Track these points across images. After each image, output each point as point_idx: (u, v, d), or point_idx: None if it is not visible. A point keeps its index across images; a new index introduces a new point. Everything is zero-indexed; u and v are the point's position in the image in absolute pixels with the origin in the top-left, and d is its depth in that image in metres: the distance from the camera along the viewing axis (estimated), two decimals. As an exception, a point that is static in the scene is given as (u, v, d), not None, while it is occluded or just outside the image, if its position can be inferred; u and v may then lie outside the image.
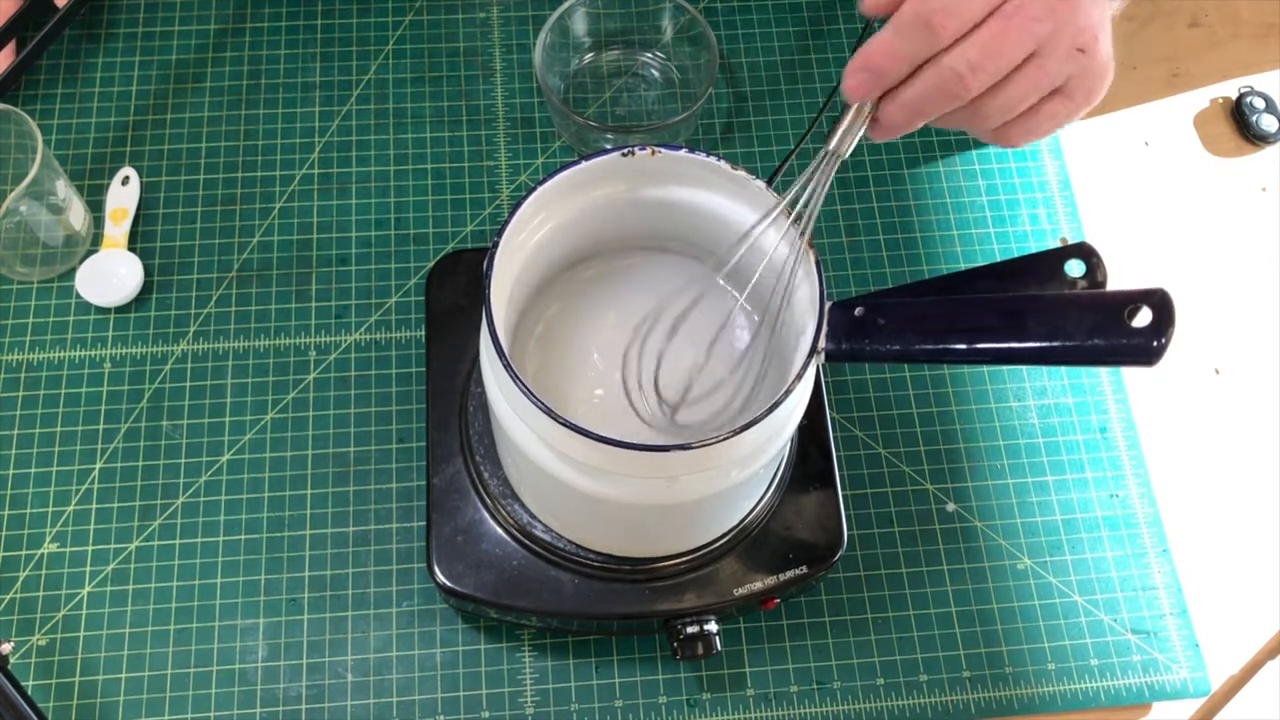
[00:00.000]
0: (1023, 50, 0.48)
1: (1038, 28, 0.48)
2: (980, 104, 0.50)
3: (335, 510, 0.69)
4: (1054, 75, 0.50)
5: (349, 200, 0.77)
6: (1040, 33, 0.48)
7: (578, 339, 0.61)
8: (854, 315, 0.51)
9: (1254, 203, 0.81)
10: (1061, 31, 0.48)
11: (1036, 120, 0.52)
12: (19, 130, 0.69)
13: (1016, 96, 0.50)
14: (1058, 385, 0.74)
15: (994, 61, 0.48)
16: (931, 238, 0.78)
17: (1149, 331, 0.43)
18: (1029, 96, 0.50)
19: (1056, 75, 0.50)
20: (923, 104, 0.49)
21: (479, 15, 0.84)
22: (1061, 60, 0.49)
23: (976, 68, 0.48)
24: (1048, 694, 0.66)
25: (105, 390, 0.71)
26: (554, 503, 0.60)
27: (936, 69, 0.48)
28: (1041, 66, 0.49)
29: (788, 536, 0.64)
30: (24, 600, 0.66)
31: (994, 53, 0.48)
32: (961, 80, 0.48)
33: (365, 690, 0.65)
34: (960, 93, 0.48)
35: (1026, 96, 0.50)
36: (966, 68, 0.48)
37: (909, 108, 0.50)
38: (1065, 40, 0.49)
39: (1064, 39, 0.49)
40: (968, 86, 0.48)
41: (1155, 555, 0.70)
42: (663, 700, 0.65)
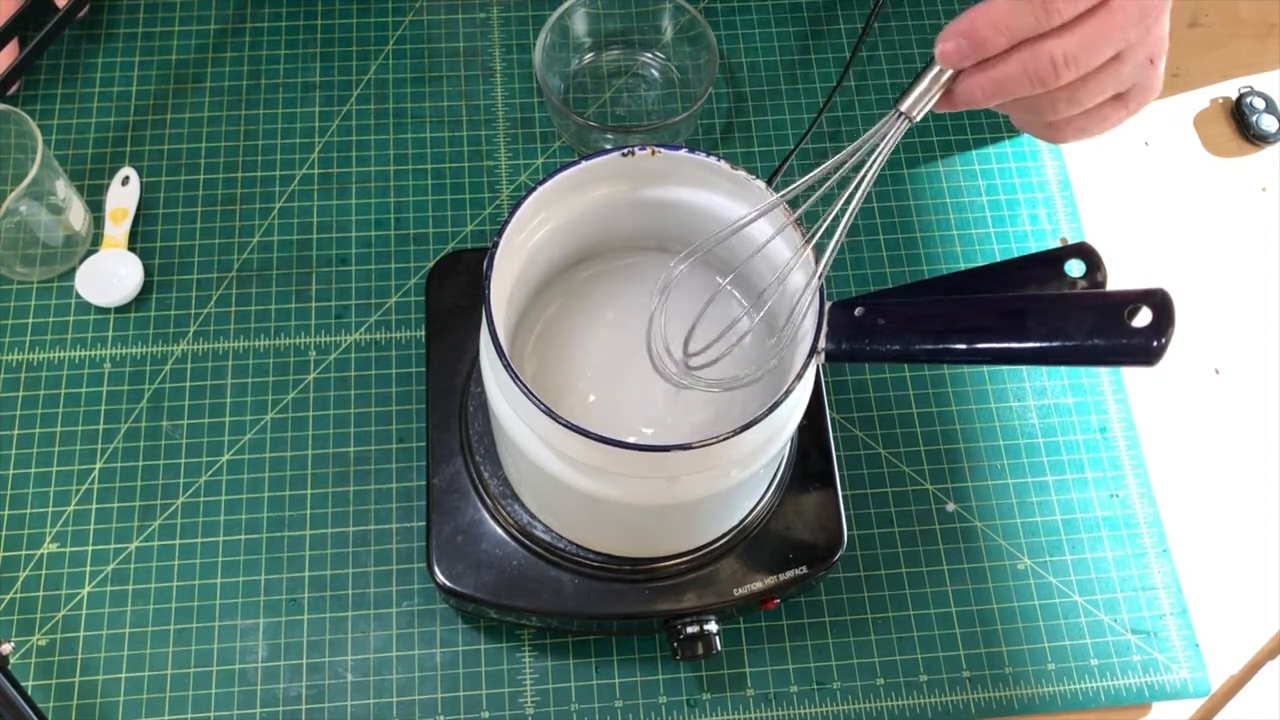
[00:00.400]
0: (1113, 50, 0.48)
1: (1131, 32, 0.48)
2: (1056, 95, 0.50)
3: (335, 510, 0.69)
4: (1125, 80, 0.50)
5: (349, 200, 0.77)
6: (1130, 37, 0.48)
7: (578, 339, 0.61)
8: (854, 315, 0.51)
9: (1254, 203, 0.81)
10: (1144, 40, 0.49)
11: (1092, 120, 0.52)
12: (19, 130, 0.69)
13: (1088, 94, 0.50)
14: (1058, 385, 0.74)
15: (1088, 56, 0.48)
16: (931, 238, 0.78)
17: (1149, 331, 0.43)
18: (1099, 95, 0.51)
19: (1127, 80, 0.50)
20: (1008, 84, 0.49)
21: (479, 15, 0.84)
22: (1135, 67, 0.50)
23: (1070, 59, 0.48)
24: (1048, 694, 0.66)
25: (105, 390, 0.71)
26: (554, 503, 0.60)
27: (1033, 52, 0.48)
28: (1118, 70, 0.50)
29: (788, 536, 0.64)
30: (24, 600, 0.66)
31: (1090, 47, 0.48)
32: (1056, 69, 0.48)
33: (365, 690, 0.65)
34: (1049, 81, 0.48)
35: (1096, 95, 0.50)
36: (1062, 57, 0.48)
37: (993, 85, 0.49)
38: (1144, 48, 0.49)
39: (1143, 47, 0.49)
40: (1059, 75, 0.48)
41: (1155, 555, 0.70)
42: (663, 700, 0.65)
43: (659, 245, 0.61)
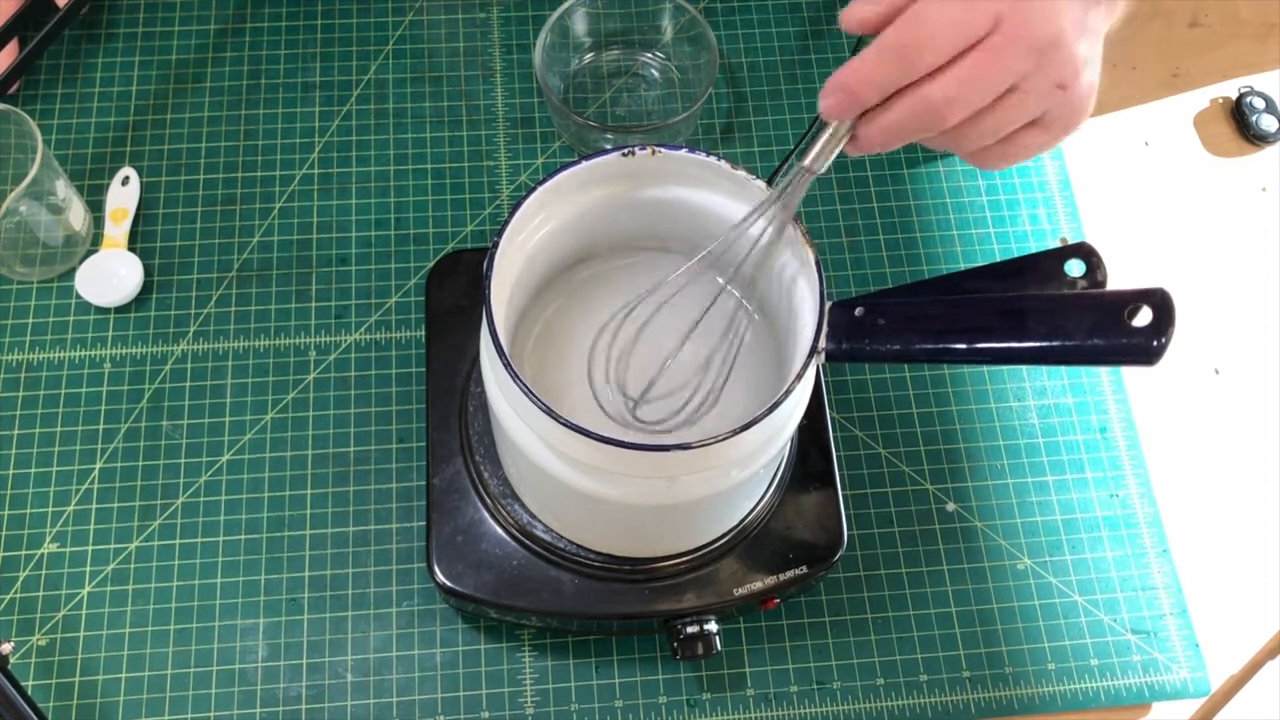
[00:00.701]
0: (1002, 85, 0.48)
1: (1018, 65, 0.47)
2: (957, 132, 0.50)
3: (335, 510, 0.69)
4: (1032, 109, 0.49)
5: (349, 200, 0.77)
6: (1020, 70, 0.47)
7: (578, 339, 0.60)
8: (854, 315, 0.51)
9: (1254, 203, 0.81)
10: (1042, 69, 0.48)
11: (1014, 148, 0.51)
12: (19, 130, 0.69)
13: (993, 127, 0.50)
14: (1058, 385, 0.74)
15: (972, 95, 0.47)
16: (931, 238, 0.78)
17: (1149, 331, 0.43)
18: (1006, 127, 0.50)
19: (1035, 109, 0.49)
20: (899, 129, 0.49)
21: (479, 15, 0.84)
22: (1041, 95, 0.49)
23: (953, 100, 0.47)
24: (1048, 694, 0.66)
25: (105, 390, 0.71)
26: (554, 503, 0.60)
27: (914, 97, 0.48)
28: (1020, 101, 0.49)
29: (788, 536, 0.64)
30: (24, 600, 0.66)
31: (972, 87, 0.47)
32: (938, 111, 0.48)
33: (365, 690, 0.65)
34: (936, 122, 0.48)
35: (1003, 127, 0.50)
36: (943, 100, 0.47)
37: (886, 131, 0.49)
38: (1047, 77, 0.48)
39: (1046, 76, 0.48)
40: (944, 117, 0.48)
41: (1155, 555, 0.70)
42: (663, 700, 0.65)
43: (659, 245, 0.61)
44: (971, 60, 0.47)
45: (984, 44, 0.47)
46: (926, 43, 0.47)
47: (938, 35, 0.47)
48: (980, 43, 0.47)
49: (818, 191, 0.79)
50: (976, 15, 0.47)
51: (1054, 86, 0.48)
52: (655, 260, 0.62)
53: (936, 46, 0.47)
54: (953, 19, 0.46)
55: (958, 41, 0.47)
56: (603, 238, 0.60)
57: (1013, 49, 0.47)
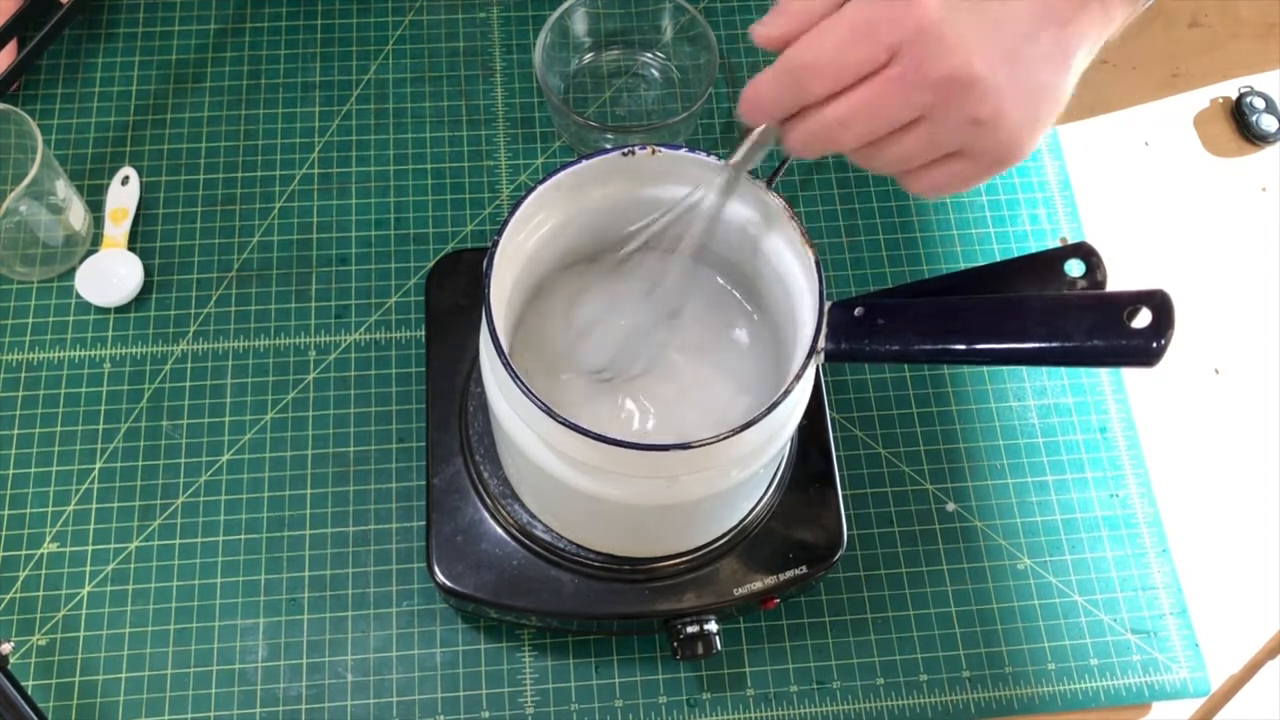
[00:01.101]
0: (902, 115, 0.46)
1: (917, 98, 0.46)
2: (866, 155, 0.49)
3: (335, 510, 0.69)
4: (945, 142, 0.47)
5: (349, 200, 0.77)
6: (920, 102, 0.46)
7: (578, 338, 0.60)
8: (854, 315, 0.51)
9: (1254, 203, 0.81)
10: (950, 104, 0.46)
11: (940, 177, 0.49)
12: (19, 130, 0.69)
13: (903, 155, 0.48)
14: (1058, 385, 0.74)
15: (867, 122, 0.47)
16: (931, 238, 0.78)
17: (1149, 333, 0.43)
18: (915, 159, 0.48)
19: (947, 143, 0.47)
20: (812, 141, 0.48)
21: (479, 15, 0.84)
22: (951, 129, 0.47)
23: (847, 124, 0.47)
24: (1048, 694, 0.66)
25: (105, 390, 0.71)
26: (554, 503, 0.60)
27: (815, 116, 0.47)
28: (928, 134, 0.47)
29: (788, 536, 0.64)
30: (24, 600, 0.66)
31: (866, 115, 0.46)
32: (834, 133, 0.47)
33: (365, 690, 0.65)
34: (835, 143, 0.48)
35: (911, 158, 0.48)
36: (837, 123, 0.47)
37: (801, 141, 0.49)
38: (955, 112, 0.46)
39: (954, 110, 0.46)
40: (841, 140, 0.47)
41: (1155, 555, 0.70)
42: (663, 700, 0.65)
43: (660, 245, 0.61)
44: (866, 89, 0.46)
45: (882, 74, 0.46)
46: (818, 69, 0.46)
47: (829, 62, 0.46)
48: (879, 72, 0.46)
49: (818, 191, 0.79)
50: (871, 46, 0.45)
51: (967, 122, 0.46)
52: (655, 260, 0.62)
53: (827, 73, 0.46)
54: (844, 48, 0.45)
55: (849, 70, 0.46)
56: (603, 237, 0.60)
57: (910, 81, 0.45)
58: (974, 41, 0.45)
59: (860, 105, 0.46)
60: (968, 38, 0.45)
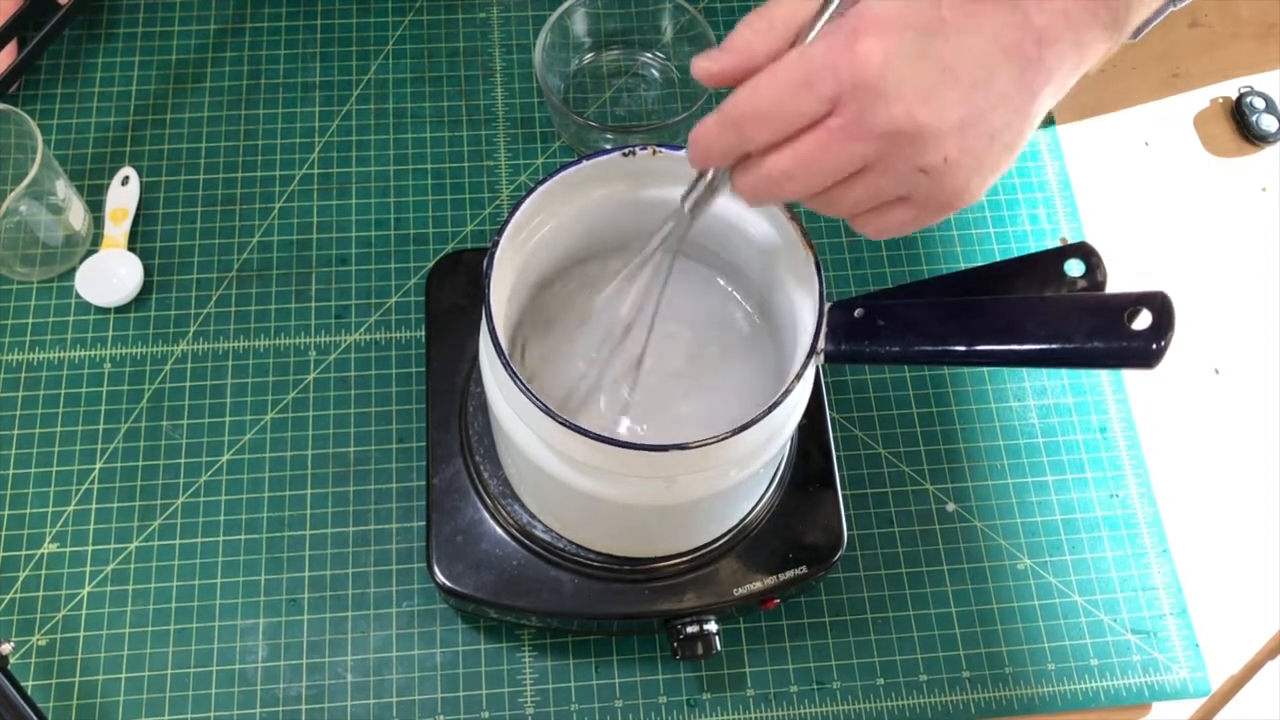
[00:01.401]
0: (845, 166, 0.45)
1: (860, 149, 0.44)
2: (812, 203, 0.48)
3: (335, 510, 0.69)
4: (890, 190, 0.46)
5: (349, 200, 0.77)
6: (864, 153, 0.44)
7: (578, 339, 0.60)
8: (853, 316, 0.51)
9: (1254, 203, 0.81)
10: (893, 154, 0.44)
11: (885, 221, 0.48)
12: (19, 130, 0.69)
13: (847, 201, 0.47)
14: (1058, 385, 0.74)
15: (808, 174, 0.45)
16: (931, 238, 0.78)
17: (1149, 334, 0.43)
18: (861, 204, 0.47)
19: (894, 190, 0.46)
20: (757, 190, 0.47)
21: (479, 15, 0.84)
22: (899, 177, 0.45)
23: (792, 176, 0.45)
24: (1048, 694, 0.66)
25: (105, 390, 0.71)
26: (554, 503, 0.60)
27: (757, 166, 0.46)
28: (873, 182, 0.46)
29: (788, 536, 0.64)
30: (24, 600, 0.66)
31: (807, 166, 0.45)
32: (778, 183, 0.46)
33: (365, 690, 0.65)
34: (779, 193, 0.47)
35: (858, 204, 0.47)
36: (781, 174, 0.46)
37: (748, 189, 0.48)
38: (900, 161, 0.44)
39: (898, 160, 0.44)
40: (786, 190, 0.46)
41: (1155, 555, 0.70)
42: (663, 700, 0.65)
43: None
44: (808, 140, 0.45)
45: (824, 124, 0.44)
46: (758, 118, 0.45)
47: (769, 113, 0.45)
48: (821, 122, 0.44)
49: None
50: (810, 98, 0.43)
51: (913, 170, 0.45)
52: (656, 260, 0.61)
53: (767, 124, 0.45)
54: (783, 100, 0.44)
55: (789, 121, 0.44)
56: (603, 237, 0.60)
57: (851, 135, 0.44)
58: (917, 90, 0.43)
59: (803, 157, 0.45)
60: (910, 86, 0.43)
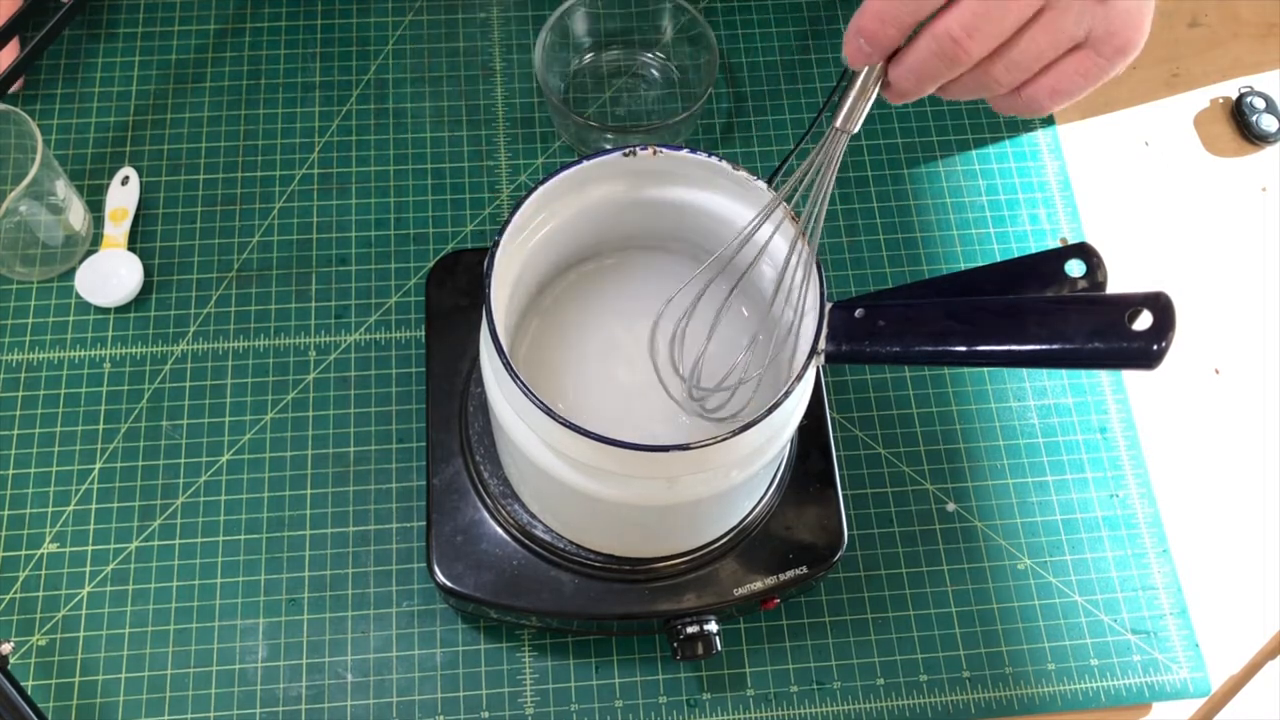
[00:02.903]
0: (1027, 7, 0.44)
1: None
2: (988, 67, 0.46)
3: (335, 510, 0.69)
4: (1070, 31, 0.45)
5: (349, 200, 0.77)
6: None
7: (578, 339, 0.61)
8: (854, 316, 0.51)
9: (1254, 203, 0.81)
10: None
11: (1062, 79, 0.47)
12: (19, 130, 0.69)
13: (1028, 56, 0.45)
14: (1058, 385, 0.74)
15: (991, 23, 0.44)
16: (931, 238, 0.78)
17: (1149, 335, 0.43)
18: (1043, 55, 0.46)
19: (1074, 30, 0.45)
20: (924, 69, 0.46)
21: (479, 15, 0.84)
22: (1076, 15, 0.44)
23: (973, 31, 0.44)
24: (1048, 694, 0.66)
25: (105, 390, 0.71)
26: (554, 503, 0.60)
27: (931, 34, 0.45)
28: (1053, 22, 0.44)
29: (788, 536, 0.64)
30: (24, 600, 0.66)
31: (990, 14, 0.43)
32: (959, 45, 0.44)
33: (365, 690, 0.65)
34: (960, 57, 0.45)
35: (1040, 55, 0.46)
36: (962, 32, 0.44)
37: (913, 74, 0.46)
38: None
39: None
40: (967, 50, 0.45)
41: (1155, 555, 0.70)
42: (663, 700, 0.65)
43: (660, 245, 0.61)
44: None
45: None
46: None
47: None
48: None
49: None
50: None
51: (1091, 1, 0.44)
52: (656, 260, 0.62)
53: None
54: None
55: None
56: (603, 237, 0.60)
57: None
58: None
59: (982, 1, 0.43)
60: None
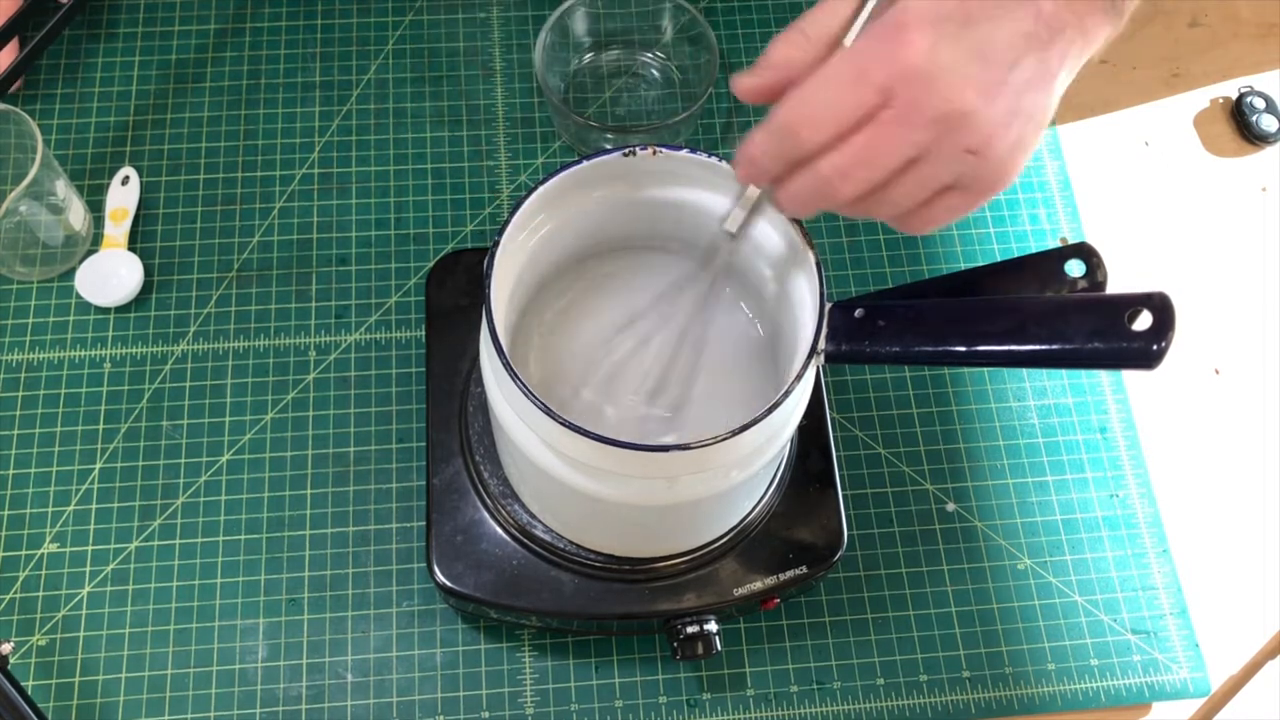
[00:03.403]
0: (899, 158, 0.46)
1: (916, 136, 0.45)
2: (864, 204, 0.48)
3: (335, 510, 0.69)
4: (941, 177, 0.47)
5: (349, 200, 0.77)
6: (920, 140, 0.45)
7: (578, 338, 0.61)
8: (854, 316, 0.51)
9: (1254, 203, 0.81)
10: (947, 138, 0.45)
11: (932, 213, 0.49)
12: (19, 130, 0.69)
13: (900, 196, 0.48)
14: (1058, 385, 0.74)
15: (865, 170, 0.46)
16: (931, 238, 0.78)
17: (1149, 335, 0.43)
18: (914, 197, 0.48)
19: (944, 176, 0.47)
20: (803, 199, 0.48)
21: (479, 15, 0.84)
22: (948, 162, 0.46)
23: (847, 175, 0.46)
24: (1048, 694, 0.66)
25: (105, 390, 0.71)
26: (554, 503, 0.60)
27: (810, 172, 0.47)
28: (927, 171, 0.47)
29: (788, 536, 0.64)
30: (24, 600, 0.66)
31: (865, 161, 0.46)
32: (831, 185, 0.47)
33: (365, 690, 0.65)
34: (834, 196, 0.47)
35: (912, 196, 0.48)
36: (836, 174, 0.46)
37: (794, 200, 0.49)
38: (950, 145, 0.46)
39: (950, 144, 0.46)
40: (840, 192, 0.47)
41: (1155, 555, 0.70)
42: (663, 700, 0.65)
43: (660, 245, 0.61)
44: (863, 136, 0.45)
45: (877, 118, 0.45)
46: (810, 122, 0.46)
47: (821, 113, 0.45)
48: (872, 118, 0.45)
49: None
50: (861, 92, 0.45)
51: (962, 153, 0.46)
52: (656, 260, 0.62)
53: (819, 125, 0.46)
54: (836, 97, 0.45)
55: (842, 120, 0.45)
56: (603, 237, 0.60)
57: (907, 122, 0.45)
58: (962, 73, 0.45)
59: (859, 152, 0.46)
60: (956, 70, 0.44)
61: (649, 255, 0.62)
